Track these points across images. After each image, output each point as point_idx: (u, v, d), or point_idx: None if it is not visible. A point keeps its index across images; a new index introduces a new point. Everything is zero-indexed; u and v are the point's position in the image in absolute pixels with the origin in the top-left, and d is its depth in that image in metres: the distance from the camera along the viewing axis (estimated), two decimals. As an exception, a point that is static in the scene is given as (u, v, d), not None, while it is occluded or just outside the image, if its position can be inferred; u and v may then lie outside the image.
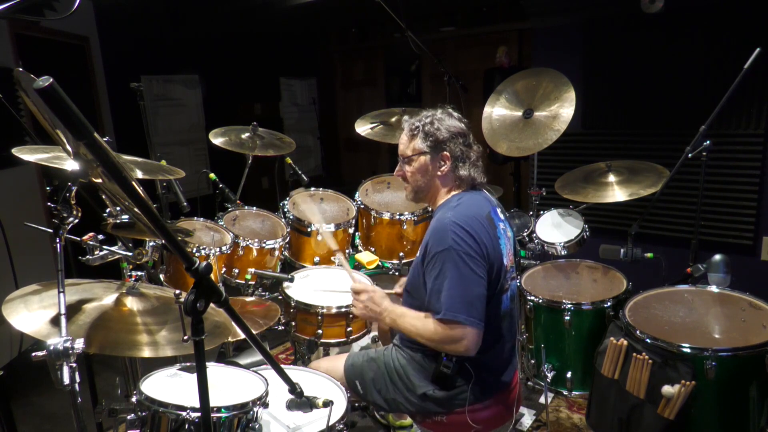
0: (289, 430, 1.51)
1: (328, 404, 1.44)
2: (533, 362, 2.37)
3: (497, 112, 2.76)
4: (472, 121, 1.92)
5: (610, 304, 2.20)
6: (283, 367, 1.39)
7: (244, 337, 1.39)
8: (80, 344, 1.25)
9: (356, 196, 2.86)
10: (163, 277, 2.44)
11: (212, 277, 1.07)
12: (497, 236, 1.75)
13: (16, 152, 1.76)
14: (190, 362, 1.65)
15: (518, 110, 2.71)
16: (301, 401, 1.42)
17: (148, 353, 1.48)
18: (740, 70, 2.11)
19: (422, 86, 6.43)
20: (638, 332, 1.80)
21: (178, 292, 1.64)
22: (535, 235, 2.67)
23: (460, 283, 1.59)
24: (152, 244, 1.94)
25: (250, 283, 2.62)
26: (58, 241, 1.40)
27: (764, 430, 1.73)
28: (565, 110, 2.55)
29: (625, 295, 2.23)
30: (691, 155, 2.25)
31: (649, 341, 1.76)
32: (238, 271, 2.61)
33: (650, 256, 2.36)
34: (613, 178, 2.62)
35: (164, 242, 1.13)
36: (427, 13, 5.85)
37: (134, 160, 2.11)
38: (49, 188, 2.78)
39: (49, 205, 2.45)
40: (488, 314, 1.65)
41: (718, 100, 2.15)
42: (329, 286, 2.38)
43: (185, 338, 1.50)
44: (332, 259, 2.70)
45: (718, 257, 2.06)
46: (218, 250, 2.45)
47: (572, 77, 2.63)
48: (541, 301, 2.30)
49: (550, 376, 2.28)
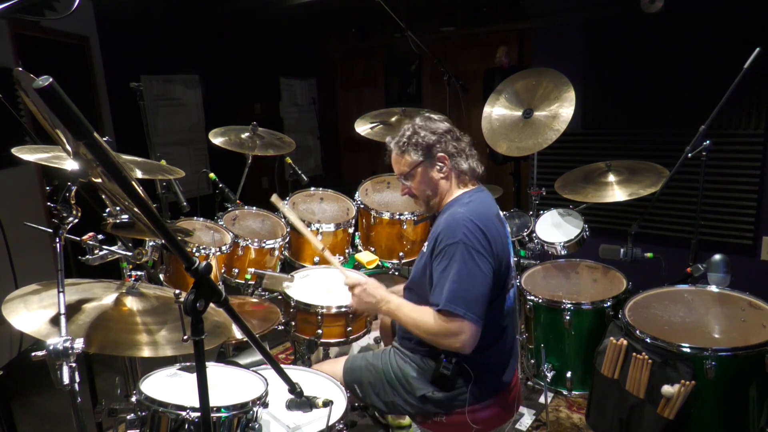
0: (288, 429, 1.51)
1: (327, 404, 1.44)
2: (533, 362, 2.38)
3: (497, 112, 2.76)
4: (471, 121, 1.93)
5: (609, 303, 2.21)
6: (283, 367, 1.39)
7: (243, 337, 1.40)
8: (80, 344, 1.25)
9: (356, 195, 2.86)
10: (162, 276, 2.44)
11: (212, 276, 1.06)
12: (506, 235, 1.78)
13: (16, 152, 1.76)
14: (189, 362, 1.65)
15: (518, 110, 2.71)
16: (300, 401, 1.42)
17: (147, 353, 1.48)
18: (740, 70, 2.11)
19: (422, 86, 6.41)
20: (638, 332, 1.80)
21: (177, 291, 1.64)
22: (535, 234, 2.67)
23: (464, 277, 1.59)
24: (152, 243, 1.94)
25: (249, 283, 2.62)
26: (57, 240, 1.40)
27: (764, 430, 1.73)
28: (564, 110, 2.55)
29: (624, 294, 2.23)
30: (690, 155, 2.25)
31: (648, 341, 1.76)
32: (237, 270, 2.61)
33: (650, 256, 2.36)
34: (612, 177, 2.62)
35: (164, 242, 1.13)
36: (427, 13, 5.85)
37: (134, 159, 2.11)
38: (48, 188, 2.78)
39: (48, 204, 2.45)
40: (493, 310, 1.66)
41: (717, 100, 2.15)
42: (329, 285, 2.38)
43: (185, 338, 1.50)
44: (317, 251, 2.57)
45: (717, 257, 2.06)
46: (218, 249, 2.45)
47: (572, 77, 2.62)
48: (540, 300, 2.30)
49: (549, 375, 2.28)
